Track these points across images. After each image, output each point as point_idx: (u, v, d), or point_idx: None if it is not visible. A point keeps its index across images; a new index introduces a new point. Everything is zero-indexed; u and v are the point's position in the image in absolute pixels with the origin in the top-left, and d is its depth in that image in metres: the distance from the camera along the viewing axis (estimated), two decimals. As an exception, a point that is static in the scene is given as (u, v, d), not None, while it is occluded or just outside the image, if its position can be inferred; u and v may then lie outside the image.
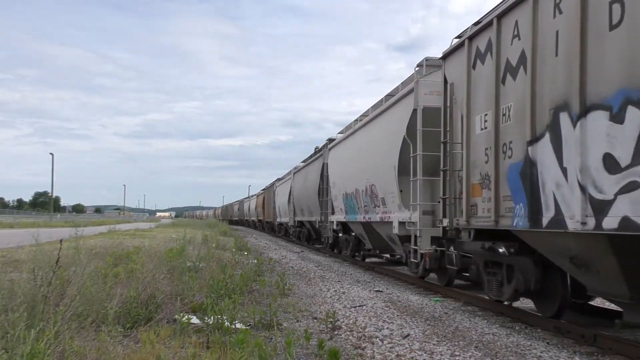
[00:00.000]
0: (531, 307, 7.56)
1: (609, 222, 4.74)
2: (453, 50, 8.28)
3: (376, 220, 12.62)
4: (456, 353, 5.46)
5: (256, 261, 12.70)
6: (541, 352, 5.58)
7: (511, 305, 7.81)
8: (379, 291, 10.00)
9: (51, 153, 64.83)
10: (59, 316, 4.31)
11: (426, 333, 6.40)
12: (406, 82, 11.51)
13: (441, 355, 5.39)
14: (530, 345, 5.89)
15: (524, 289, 6.83)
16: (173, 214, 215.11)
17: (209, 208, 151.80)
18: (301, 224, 25.57)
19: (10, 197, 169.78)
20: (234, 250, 16.65)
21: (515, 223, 6.33)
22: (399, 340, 6.00)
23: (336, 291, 9.81)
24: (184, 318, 5.54)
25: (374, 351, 5.46)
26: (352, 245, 16.31)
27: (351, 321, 6.99)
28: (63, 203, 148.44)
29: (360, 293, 9.63)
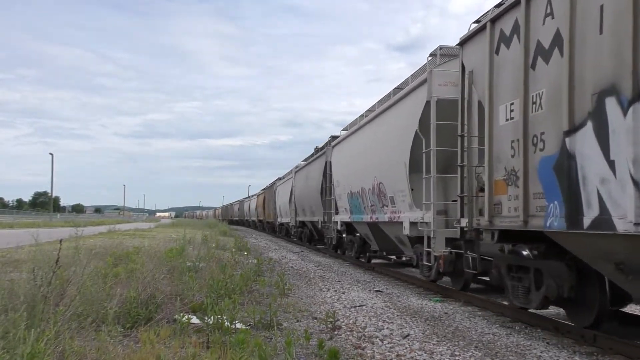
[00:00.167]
0: (557, 313, 7.54)
1: None
2: (472, 35, 7.65)
3: (384, 220, 12.03)
4: (456, 353, 5.46)
5: (256, 261, 12.71)
6: (541, 352, 5.58)
7: (511, 305, 7.80)
8: (379, 291, 10.00)
9: (51, 153, 65.27)
10: (59, 316, 4.31)
11: (426, 333, 6.40)
12: (417, 74, 10.89)
13: (441, 355, 5.39)
14: (530, 345, 5.89)
15: (556, 296, 6.17)
16: (173, 214, 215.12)
17: (209, 208, 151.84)
18: (303, 224, 25.18)
19: (10, 197, 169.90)
20: (234, 250, 16.65)
21: (548, 223, 5.67)
22: (399, 340, 6.00)
23: (336, 291, 9.81)
24: (184, 318, 5.54)
25: (374, 351, 5.46)
26: (357, 246, 15.75)
27: (351, 321, 6.99)
28: (63, 203, 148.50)
29: (360, 293, 9.63)
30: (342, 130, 17.47)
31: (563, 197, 5.43)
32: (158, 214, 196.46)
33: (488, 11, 7.33)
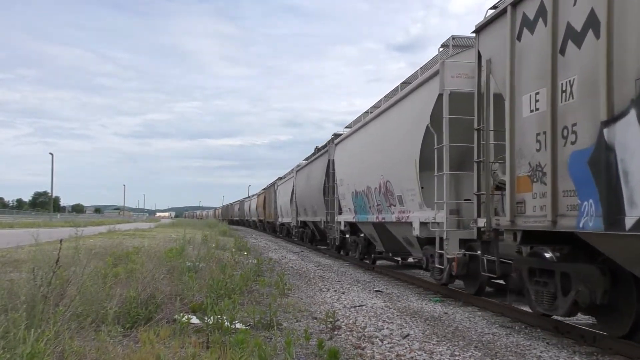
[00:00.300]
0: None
1: None
2: (490, 21, 7.16)
3: (391, 220, 11.50)
4: (456, 353, 5.46)
5: (256, 261, 12.71)
6: (541, 352, 5.58)
7: (511, 305, 7.80)
8: (379, 291, 10.00)
9: (51, 153, 65.43)
10: (59, 316, 4.31)
11: (426, 333, 6.40)
12: (427, 67, 10.40)
13: (441, 355, 5.39)
14: (530, 345, 5.89)
15: (588, 303, 5.63)
16: (173, 214, 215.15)
17: (209, 208, 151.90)
18: (304, 224, 24.77)
19: (10, 197, 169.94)
20: (234, 250, 16.65)
21: (582, 224, 5.18)
22: (399, 340, 6.00)
23: (336, 291, 9.82)
24: (184, 318, 5.55)
25: (374, 351, 5.46)
26: (362, 247, 15.16)
27: (351, 321, 6.99)
28: (63, 203, 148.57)
29: (360, 293, 9.64)
30: (345, 127, 16.94)
31: (600, 195, 4.95)
32: (158, 214, 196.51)
33: None
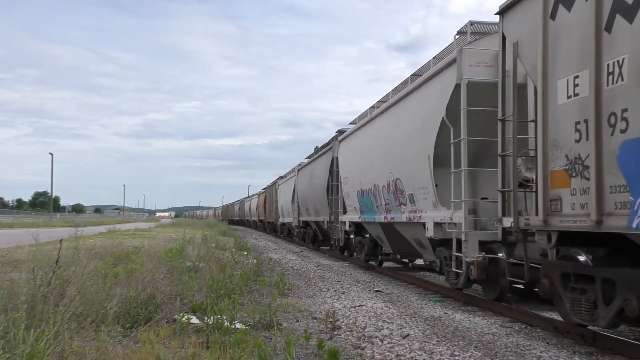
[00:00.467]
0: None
1: None
2: (518, 0, 6.60)
3: (401, 220, 10.85)
4: (456, 353, 5.46)
5: (256, 261, 12.72)
6: (541, 352, 5.58)
7: (511, 305, 7.80)
8: (379, 291, 10.00)
9: (51, 153, 65.54)
10: (59, 316, 4.31)
11: (426, 333, 6.40)
12: (440, 57, 9.76)
13: (441, 355, 5.39)
14: (529, 345, 5.89)
15: (638, 314, 5.01)
16: (173, 214, 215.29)
17: (209, 208, 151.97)
18: (306, 224, 24.14)
19: (9, 197, 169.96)
20: (234, 250, 16.66)
21: (635, 224, 4.69)
22: (399, 340, 6.00)
23: (336, 291, 9.82)
24: (184, 318, 5.55)
25: (374, 351, 5.46)
26: (368, 248, 14.45)
27: (351, 321, 6.99)
28: (63, 203, 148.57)
29: (360, 293, 9.64)
30: (350, 124, 16.28)
31: None
32: (158, 214, 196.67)
33: None
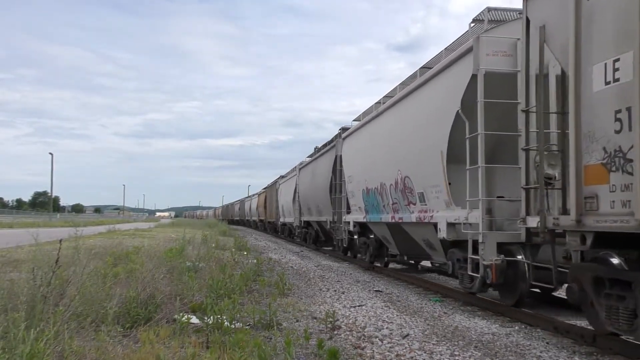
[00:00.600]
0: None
1: None
2: None
3: (410, 220, 10.35)
4: (456, 353, 5.46)
5: (256, 261, 12.72)
6: (540, 352, 5.58)
7: (510, 305, 7.79)
8: (379, 291, 10.00)
9: (50, 153, 65.62)
10: (59, 316, 4.31)
11: (426, 333, 6.40)
12: (452, 48, 9.16)
13: (441, 355, 5.39)
14: (529, 345, 5.89)
15: None
16: (172, 214, 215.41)
17: (209, 208, 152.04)
18: (308, 225, 23.57)
19: (9, 197, 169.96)
20: (234, 250, 16.66)
21: None
22: (399, 340, 6.00)
23: (336, 291, 9.82)
24: (184, 318, 5.55)
25: (374, 351, 5.46)
26: (373, 249, 13.93)
27: (351, 321, 6.99)
28: (62, 203, 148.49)
29: (359, 293, 9.64)
30: (354, 120, 15.64)
31: None
32: (158, 214, 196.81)
33: None
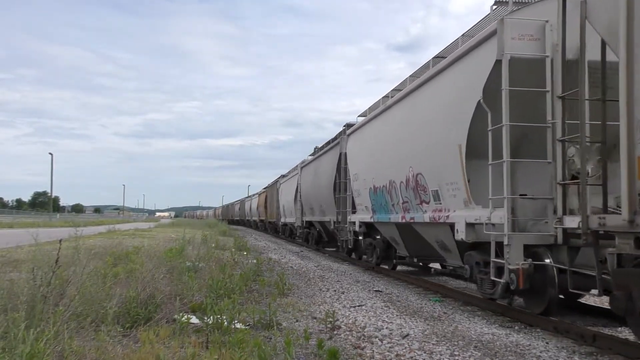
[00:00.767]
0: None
1: None
2: None
3: (423, 220, 9.74)
4: (455, 353, 5.46)
5: (256, 261, 12.72)
6: (540, 352, 5.58)
7: (511, 305, 7.79)
8: (379, 291, 10.01)
9: (50, 153, 65.65)
10: (58, 316, 4.31)
11: (425, 333, 6.40)
12: (470, 34, 8.52)
13: (440, 355, 5.39)
14: (529, 345, 5.90)
15: None
16: (172, 214, 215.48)
17: (209, 208, 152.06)
18: (310, 225, 23.05)
19: (9, 197, 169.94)
20: (234, 250, 16.66)
21: None
22: (399, 340, 6.00)
23: (335, 291, 9.82)
24: (184, 318, 5.55)
25: (374, 351, 5.47)
26: (380, 251, 13.37)
27: (350, 321, 6.99)
28: (62, 203, 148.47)
29: (359, 293, 9.64)
30: (359, 116, 14.98)
31: None
32: (158, 214, 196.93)
33: None
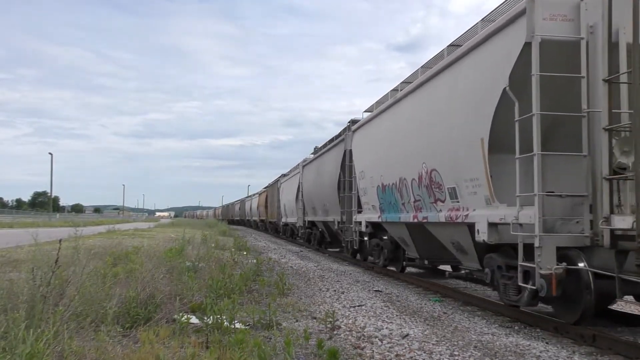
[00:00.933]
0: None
1: None
2: None
3: (438, 220, 9.09)
4: (455, 353, 5.46)
5: (255, 261, 12.71)
6: (540, 352, 5.58)
7: (510, 305, 7.79)
8: (378, 291, 10.01)
9: (50, 153, 65.69)
10: (58, 316, 4.31)
11: (425, 333, 6.40)
12: (490, 19, 7.91)
13: (440, 355, 5.39)
14: (529, 345, 5.90)
15: None
16: (172, 214, 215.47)
17: (209, 208, 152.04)
18: (312, 225, 22.42)
19: (9, 197, 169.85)
20: (234, 250, 16.66)
21: None
22: (398, 340, 6.00)
23: (335, 291, 9.82)
24: (183, 318, 5.55)
25: (373, 351, 5.46)
26: (388, 252, 12.79)
27: (350, 321, 6.99)
28: (62, 203, 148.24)
29: (359, 293, 9.64)
30: (365, 112, 14.16)
31: None
32: (157, 214, 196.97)
33: None
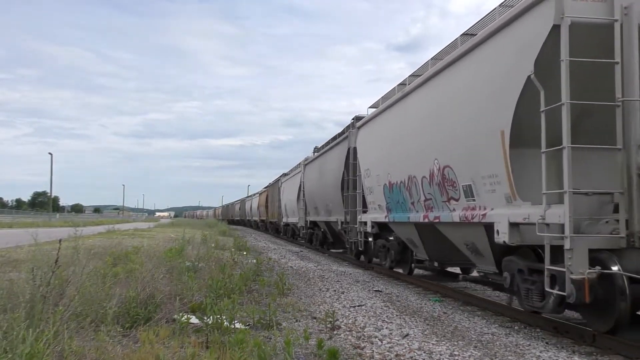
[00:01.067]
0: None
1: None
2: None
3: (451, 220, 8.48)
4: (455, 353, 5.46)
5: (255, 261, 12.71)
6: (540, 352, 5.59)
7: (510, 305, 7.80)
8: (378, 291, 10.01)
9: (50, 153, 65.71)
10: (58, 316, 4.31)
11: (425, 333, 6.40)
12: (509, 4, 7.37)
13: (440, 354, 5.39)
14: (529, 344, 5.90)
15: None
16: (172, 214, 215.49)
17: (209, 208, 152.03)
18: (314, 225, 21.88)
19: (9, 197, 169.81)
20: (233, 250, 16.65)
21: None
22: (398, 340, 6.00)
23: (335, 291, 9.82)
24: (183, 318, 5.55)
25: (373, 351, 5.47)
26: (395, 253, 12.35)
27: (350, 321, 6.99)
28: (62, 203, 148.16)
29: (359, 293, 9.64)
30: (370, 107, 13.53)
31: None
32: (157, 214, 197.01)
33: None
